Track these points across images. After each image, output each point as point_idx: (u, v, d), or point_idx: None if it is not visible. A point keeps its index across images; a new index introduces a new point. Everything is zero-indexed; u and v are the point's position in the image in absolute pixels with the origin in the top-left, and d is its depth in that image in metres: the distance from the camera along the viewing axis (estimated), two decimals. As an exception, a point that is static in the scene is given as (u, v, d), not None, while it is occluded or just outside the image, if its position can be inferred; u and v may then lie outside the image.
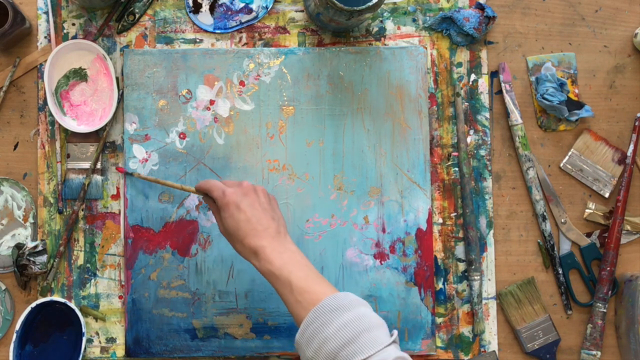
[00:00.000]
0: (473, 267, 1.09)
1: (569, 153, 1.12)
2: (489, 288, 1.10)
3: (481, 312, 1.08)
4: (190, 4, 1.12)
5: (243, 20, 1.12)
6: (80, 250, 1.09)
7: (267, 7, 1.12)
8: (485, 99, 1.12)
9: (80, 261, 1.09)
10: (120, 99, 1.10)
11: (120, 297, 1.09)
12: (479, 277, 1.08)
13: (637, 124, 1.11)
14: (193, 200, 1.09)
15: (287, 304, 0.90)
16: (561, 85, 1.11)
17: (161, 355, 1.08)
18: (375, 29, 1.13)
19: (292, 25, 1.12)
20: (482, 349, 1.10)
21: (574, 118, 1.11)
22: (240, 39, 1.12)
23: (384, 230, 1.09)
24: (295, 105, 1.10)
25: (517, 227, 1.12)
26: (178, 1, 1.12)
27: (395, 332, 0.86)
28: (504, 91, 1.12)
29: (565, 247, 1.12)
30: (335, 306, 0.86)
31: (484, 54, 1.13)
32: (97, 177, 1.10)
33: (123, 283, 1.09)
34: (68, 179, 1.10)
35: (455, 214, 1.11)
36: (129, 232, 1.09)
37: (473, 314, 1.09)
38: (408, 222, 1.10)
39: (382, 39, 1.13)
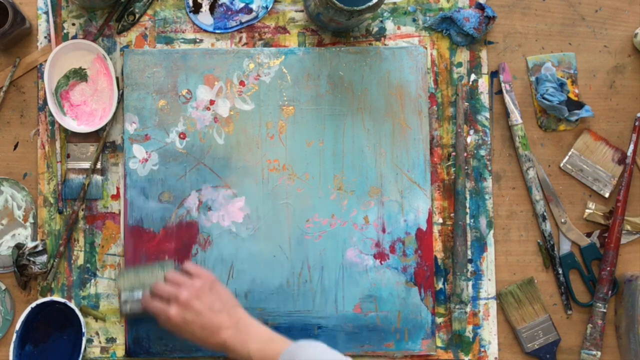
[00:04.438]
0: (457, 264, 1.09)
1: (569, 153, 1.12)
2: (489, 288, 1.10)
3: (460, 312, 1.08)
4: (190, 4, 1.12)
5: (243, 20, 1.12)
6: (80, 250, 1.09)
7: (267, 7, 1.12)
8: (485, 99, 1.12)
9: (80, 261, 1.09)
10: (120, 99, 1.10)
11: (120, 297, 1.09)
12: (460, 276, 1.08)
13: (637, 124, 1.11)
14: (193, 200, 1.09)
15: None
16: (561, 85, 1.11)
17: (161, 355, 1.08)
18: (375, 29, 1.13)
19: (292, 25, 1.12)
20: (482, 349, 1.10)
21: (574, 118, 1.11)
22: (240, 39, 1.12)
23: (384, 230, 1.09)
24: (295, 105, 1.10)
25: (517, 227, 1.12)
26: (178, 1, 1.12)
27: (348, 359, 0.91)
28: (504, 91, 1.12)
29: (565, 247, 1.12)
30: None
31: (484, 54, 1.13)
32: (97, 177, 1.10)
33: (123, 283, 1.09)
34: (68, 179, 1.10)
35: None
36: (128, 232, 1.09)
37: (450, 313, 1.09)
38: (408, 222, 1.10)
39: (382, 39, 1.13)
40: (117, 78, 1.10)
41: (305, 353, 0.92)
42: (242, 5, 1.12)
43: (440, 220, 1.11)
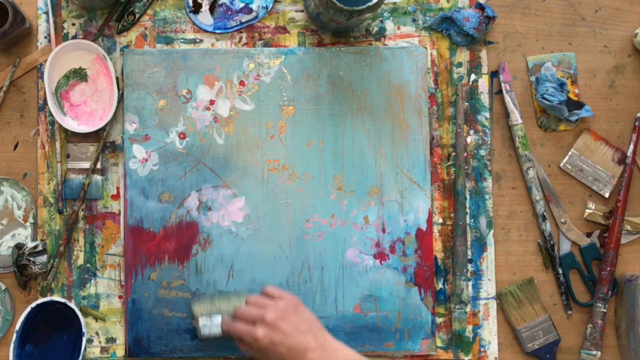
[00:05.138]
0: (457, 264, 1.09)
1: (569, 153, 1.12)
2: (489, 288, 1.10)
3: (460, 312, 1.08)
4: (190, 4, 1.12)
5: (243, 20, 1.12)
6: (80, 250, 1.09)
7: (267, 7, 1.12)
8: (485, 99, 1.12)
9: (80, 261, 1.09)
10: (120, 99, 1.10)
11: (120, 297, 1.09)
12: (460, 276, 1.08)
13: (637, 124, 1.11)
14: (193, 200, 1.09)
15: None
16: (561, 85, 1.11)
17: (161, 355, 1.08)
18: (375, 29, 1.13)
19: (292, 25, 1.12)
20: (482, 349, 1.10)
21: (574, 118, 1.11)
22: (240, 39, 1.12)
23: (384, 230, 1.09)
24: (295, 105, 1.10)
25: (517, 227, 1.12)
26: (178, 1, 1.12)
27: None
28: (504, 91, 1.12)
29: (565, 247, 1.12)
30: None
31: (484, 54, 1.13)
32: (97, 177, 1.10)
33: (123, 283, 1.09)
34: (68, 179, 1.10)
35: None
36: (128, 232, 1.09)
37: (450, 313, 1.09)
38: (408, 222, 1.10)
39: (382, 39, 1.13)
40: (117, 78, 1.10)
41: None
42: (242, 5, 1.12)
43: (440, 220, 1.11)
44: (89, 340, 1.09)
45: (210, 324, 1.02)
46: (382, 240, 1.09)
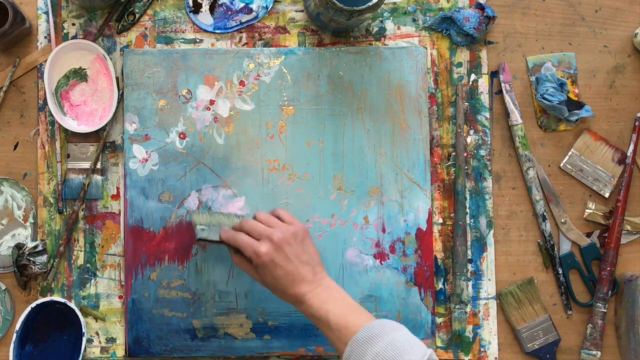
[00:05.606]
0: (457, 264, 1.09)
1: (569, 153, 1.12)
2: (489, 288, 1.10)
3: (460, 312, 1.08)
4: (190, 4, 1.12)
5: (243, 20, 1.12)
6: (80, 250, 1.09)
7: (267, 7, 1.12)
8: (485, 99, 1.12)
9: (80, 261, 1.09)
10: (120, 99, 1.10)
11: (120, 297, 1.09)
12: (460, 276, 1.08)
13: (637, 124, 1.11)
14: (193, 200, 1.09)
15: (331, 343, 0.92)
16: (561, 85, 1.11)
17: (161, 355, 1.08)
18: (375, 29, 1.13)
19: (292, 25, 1.12)
20: (482, 349, 1.10)
21: (574, 118, 1.11)
22: (240, 39, 1.12)
23: (384, 230, 1.09)
24: (295, 105, 1.10)
25: (517, 227, 1.12)
26: (178, 1, 1.12)
27: (430, 351, 0.86)
28: (504, 91, 1.12)
29: (565, 247, 1.12)
30: (368, 336, 0.88)
31: (484, 54, 1.13)
32: (97, 177, 1.10)
33: (123, 283, 1.09)
34: (68, 179, 1.10)
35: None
36: (128, 232, 1.09)
37: (450, 313, 1.09)
38: (408, 222, 1.10)
39: (382, 39, 1.13)
40: (117, 78, 1.10)
41: (388, 334, 0.87)
42: (242, 5, 1.12)
43: (440, 220, 1.11)
44: (89, 340, 1.09)
45: (209, 230, 1.00)
46: (382, 240, 1.09)
